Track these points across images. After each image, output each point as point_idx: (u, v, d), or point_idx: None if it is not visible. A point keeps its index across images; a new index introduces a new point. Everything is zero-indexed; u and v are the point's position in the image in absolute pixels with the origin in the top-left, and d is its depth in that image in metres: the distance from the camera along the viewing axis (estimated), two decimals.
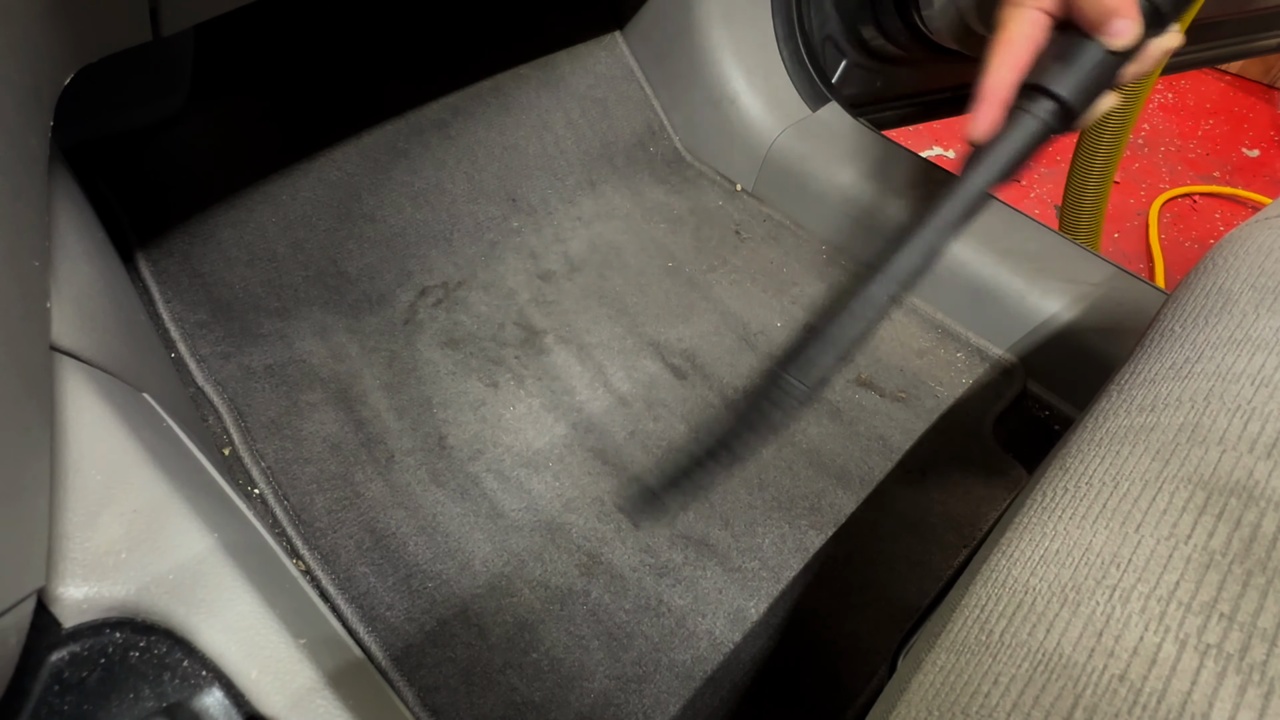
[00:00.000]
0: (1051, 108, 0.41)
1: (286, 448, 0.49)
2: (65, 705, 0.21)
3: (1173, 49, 0.43)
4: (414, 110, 0.66)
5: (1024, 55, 0.42)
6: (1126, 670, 0.18)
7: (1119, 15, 0.38)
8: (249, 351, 0.53)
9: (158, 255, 0.54)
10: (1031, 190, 1.56)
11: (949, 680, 0.20)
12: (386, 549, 0.46)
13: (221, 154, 0.58)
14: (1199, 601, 0.18)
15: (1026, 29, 0.42)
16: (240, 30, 0.57)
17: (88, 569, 0.22)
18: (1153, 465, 0.22)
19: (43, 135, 0.25)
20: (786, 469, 0.54)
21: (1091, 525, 0.22)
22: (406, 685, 0.41)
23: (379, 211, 0.62)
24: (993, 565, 0.23)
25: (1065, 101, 0.40)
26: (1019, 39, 0.41)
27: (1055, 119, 0.41)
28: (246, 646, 0.23)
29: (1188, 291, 0.32)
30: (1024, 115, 0.41)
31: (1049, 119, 0.41)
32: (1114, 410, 0.26)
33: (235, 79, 0.60)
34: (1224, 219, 1.56)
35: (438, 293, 0.61)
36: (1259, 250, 0.31)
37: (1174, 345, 0.27)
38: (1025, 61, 0.42)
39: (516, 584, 0.46)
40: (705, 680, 0.44)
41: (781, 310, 0.65)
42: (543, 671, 0.43)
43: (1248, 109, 1.84)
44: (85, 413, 0.25)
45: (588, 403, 0.56)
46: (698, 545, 0.49)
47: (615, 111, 0.75)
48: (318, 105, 0.62)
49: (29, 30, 0.24)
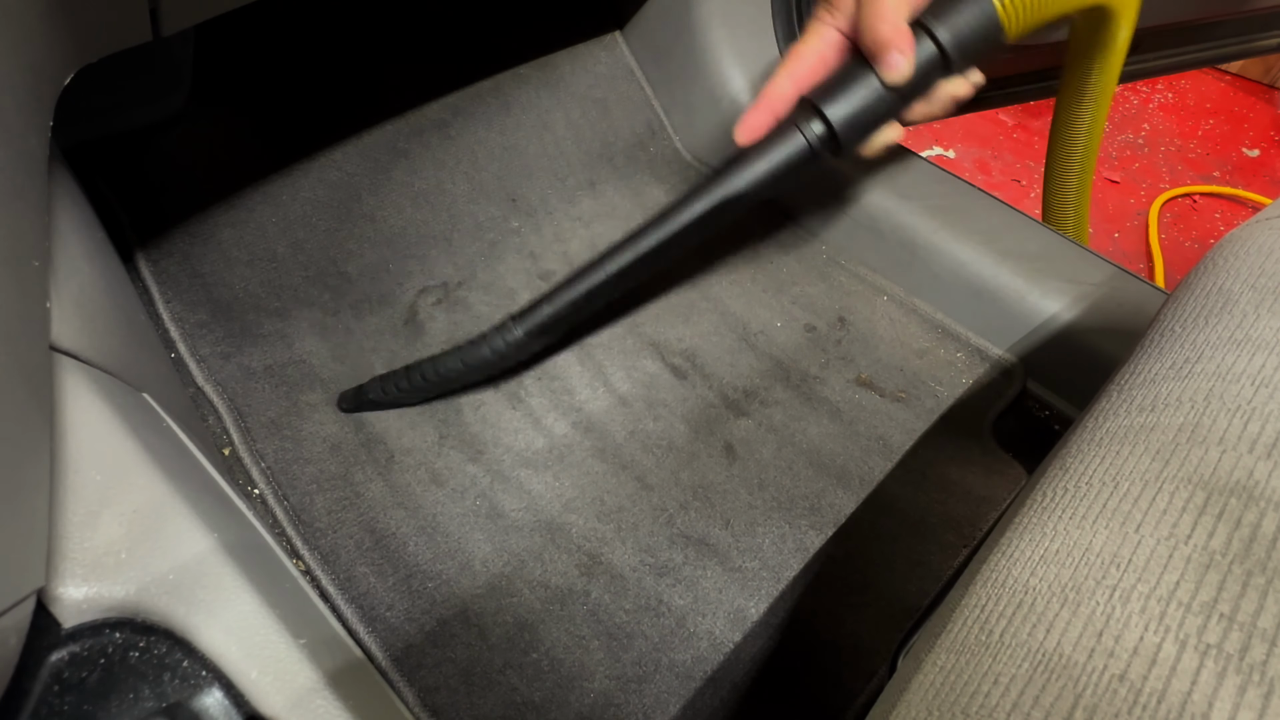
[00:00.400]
0: (820, 129, 0.40)
1: (286, 448, 0.49)
2: (65, 705, 0.21)
3: (962, 96, 0.43)
4: (414, 110, 0.66)
5: (809, 70, 0.41)
6: (1126, 670, 0.18)
7: (892, 48, 0.38)
8: (249, 352, 0.53)
9: (158, 255, 0.54)
10: (1032, 190, 1.56)
11: (949, 680, 0.20)
12: (386, 549, 0.46)
13: (221, 154, 0.58)
14: (1199, 601, 0.18)
15: (819, 45, 0.41)
16: (240, 30, 0.58)
17: (87, 569, 0.22)
18: (1153, 465, 0.22)
19: (43, 135, 0.25)
20: (786, 469, 0.54)
21: (1091, 525, 0.22)
22: (406, 685, 0.41)
23: (379, 212, 0.62)
24: (993, 565, 0.23)
25: (832, 125, 0.40)
26: (809, 54, 0.41)
27: (820, 141, 0.41)
28: (246, 647, 0.23)
29: (1188, 291, 0.33)
30: (792, 129, 0.41)
31: (814, 139, 0.41)
32: (1114, 410, 0.26)
33: (235, 79, 0.60)
34: (1224, 219, 1.56)
35: (438, 293, 0.61)
36: (1259, 250, 0.31)
37: (1174, 345, 0.27)
38: (808, 77, 0.41)
39: (516, 584, 0.46)
40: (705, 680, 0.44)
41: (781, 310, 0.65)
42: (543, 672, 0.43)
43: (1248, 109, 1.84)
44: (85, 413, 0.25)
45: (587, 403, 0.56)
46: (698, 545, 0.50)
47: (615, 112, 0.75)
48: (318, 105, 0.62)
49: (29, 30, 0.24)
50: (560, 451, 0.53)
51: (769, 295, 0.66)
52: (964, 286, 0.63)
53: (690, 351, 0.61)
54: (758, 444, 0.55)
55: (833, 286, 0.67)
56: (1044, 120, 1.72)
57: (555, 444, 0.54)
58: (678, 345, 0.61)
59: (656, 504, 0.51)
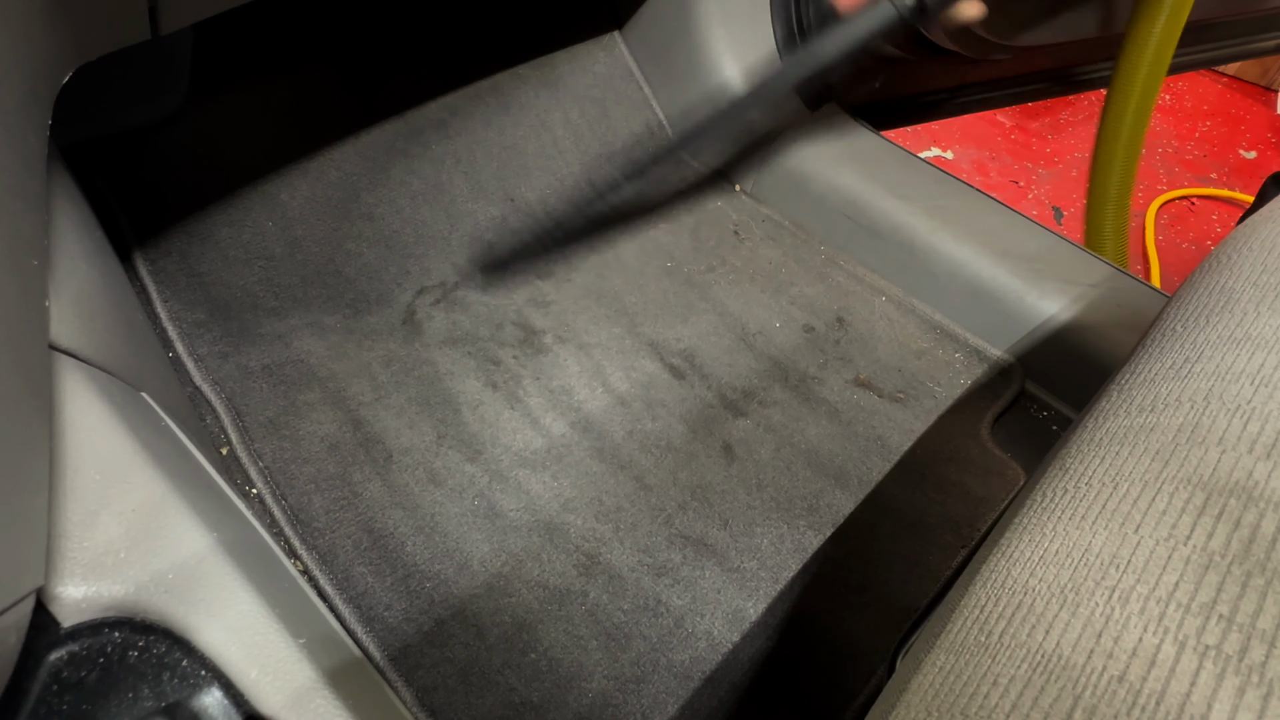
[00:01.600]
0: None
1: (284, 447, 0.49)
2: (64, 704, 0.21)
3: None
4: (413, 110, 0.66)
5: None
6: (1125, 671, 0.18)
7: None
8: (247, 351, 0.53)
9: (156, 254, 0.54)
10: (1030, 191, 1.57)
11: (948, 681, 0.20)
12: (384, 549, 0.46)
13: (220, 153, 0.58)
14: (1198, 602, 0.18)
15: None
16: (239, 30, 0.57)
17: (86, 568, 0.22)
18: (1152, 466, 0.22)
19: (41, 134, 0.25)
20: (785, 469, 0.54)
21: (1091, 526, 0.22)
22: (405, 685, 0.41)
23: (377, 211, 0.62)
24: (992, 566, 0.23)
25: None
26: None
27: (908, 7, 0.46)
28: (245, 646, 0.23)
29: (1191, 290, 0.32)
30: None
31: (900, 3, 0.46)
32: (1113, 411, 0.26)
33: (234, 78, 0.59)
34: (1221, 221, 1.56)
35: (436, 292, 0.61)
36: (1262, 246, 0.31)
37: (1174, 345, 0.27)
38: None
39: (514, 584, 0.46)
40: (704, 680, 0.44)
41: (780, 310, 0.65)
42: (541, 672, 0.43)
43: (1245, 111, 1.84)
44: (84, 412, 0.25)
45: (586, 402, 0.56)
46: (696, 545, 0.49)
47: (614, 111, 0.75)
48: (317, 105, 0.62)
49: (28, 29, 0.24)
50: (559, 451, 0.53)
51: (767, 296, 0.66)
52: (962, 287, 0.63)
53: (689, 352, 0.61)
54: (756, 444, 0.55)
55: (831, 287, 0.67)
56: (1042, 121, 1.73)
57: (554, 444, 0.53)
58: (676, 345, 0.61)
59: (655, 504, 0.51)
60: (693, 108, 0.76)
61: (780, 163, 0.72)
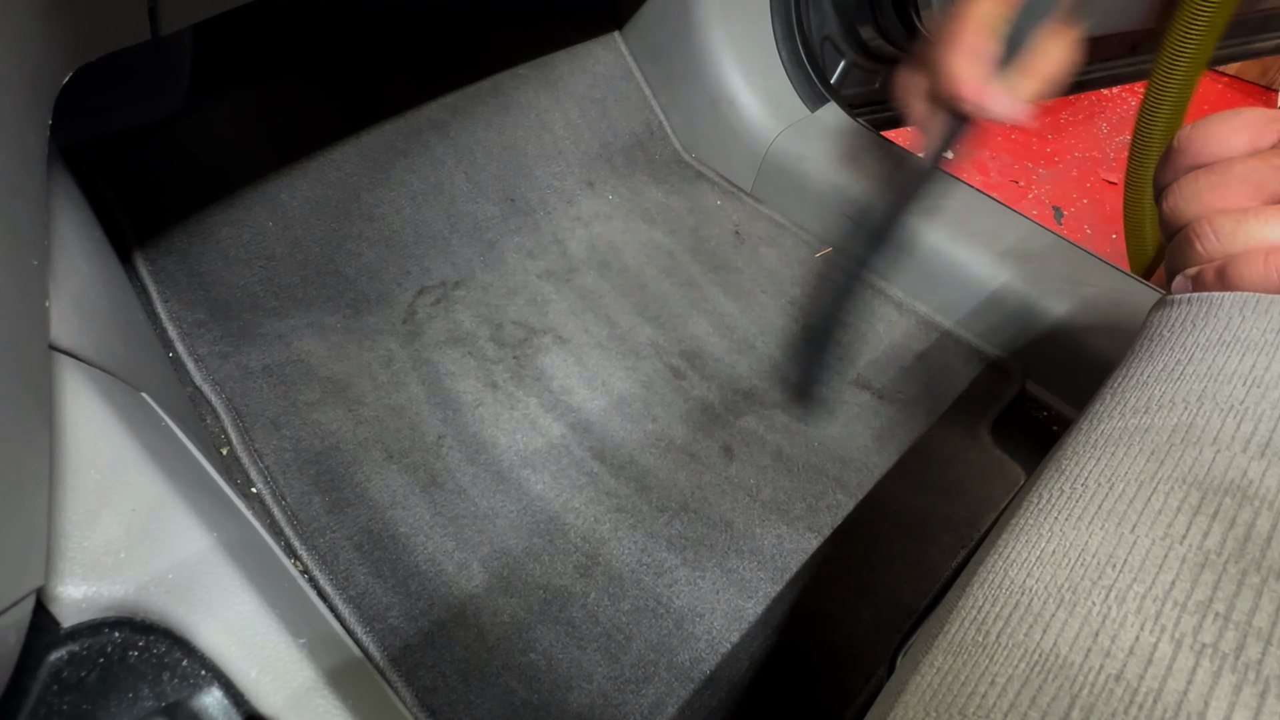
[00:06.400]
0: None
1: (285, 447, 0.49)
2: (64, 705, 0.21)
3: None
4: (413, 110, 0.66)
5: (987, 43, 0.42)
6: (1123, 670, 0.18)
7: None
8: (247, 351, 0.53)
9: (156, 254, 0.54)
10: (1030, 191, 1.57)
11: (946, 681, 0.20)
12: (385, 549, 0.46)
13: (220, 153, 0.58)
14: (1194, 601, 0.18)
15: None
16: (239, 29, 0.57)
17: (86, 568, 0.22)
18: (1147, 466, 0.22)
19: (41, 134, 0.25)
20: (785, 470, 0.54)
21: (1087, 526, 0.22)
22: (405, 686, 0.42)
23: (378, 211, 0.62)
24: (990, 566, 0.23)
25: None
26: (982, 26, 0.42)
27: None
28: (246, 646, 0.23)
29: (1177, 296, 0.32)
30: None
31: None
32: (1109, 412, 0.26)
33: (234, 78, 0.60)
34: None
35: (436, 292, 0.61)
36: None
37: (1164, 348, 0.27)
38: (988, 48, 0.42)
39: (515, 584, 0.46)
40: (704, 681, 0.44)
41: (780, 310, 0.65)
42: (541, 672, 0.43)
43: None
44: (84, 412, 0.25)
45: (586, 403, 0.56)
46: (696, 546, 0.50)
47: (614, 112, 0.75)
48: (317, 104, 0.62)
49: (28, 28, 0.24)
50: (558, 452, 0.53)
51: (767, 296, 0.66)
52: (962, 287, 0.63)
53: (689, 352, 0.61)
54: (756, 445, 0.55)
55: (831, 287, 0.67)
56: (1042, 121, 1.72)
57: (554, 444, 0.54)
58: (676, 345, 0.61)
59: (655, 504, 0.51)
60: (693, 108, 0.76)
61: (780, 163, 0.72)
